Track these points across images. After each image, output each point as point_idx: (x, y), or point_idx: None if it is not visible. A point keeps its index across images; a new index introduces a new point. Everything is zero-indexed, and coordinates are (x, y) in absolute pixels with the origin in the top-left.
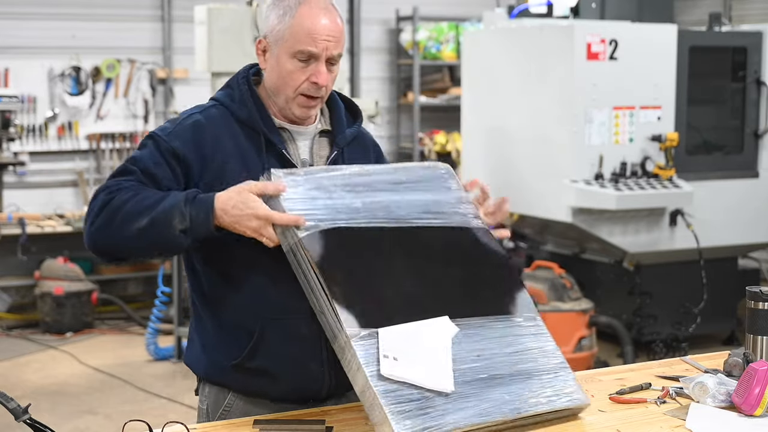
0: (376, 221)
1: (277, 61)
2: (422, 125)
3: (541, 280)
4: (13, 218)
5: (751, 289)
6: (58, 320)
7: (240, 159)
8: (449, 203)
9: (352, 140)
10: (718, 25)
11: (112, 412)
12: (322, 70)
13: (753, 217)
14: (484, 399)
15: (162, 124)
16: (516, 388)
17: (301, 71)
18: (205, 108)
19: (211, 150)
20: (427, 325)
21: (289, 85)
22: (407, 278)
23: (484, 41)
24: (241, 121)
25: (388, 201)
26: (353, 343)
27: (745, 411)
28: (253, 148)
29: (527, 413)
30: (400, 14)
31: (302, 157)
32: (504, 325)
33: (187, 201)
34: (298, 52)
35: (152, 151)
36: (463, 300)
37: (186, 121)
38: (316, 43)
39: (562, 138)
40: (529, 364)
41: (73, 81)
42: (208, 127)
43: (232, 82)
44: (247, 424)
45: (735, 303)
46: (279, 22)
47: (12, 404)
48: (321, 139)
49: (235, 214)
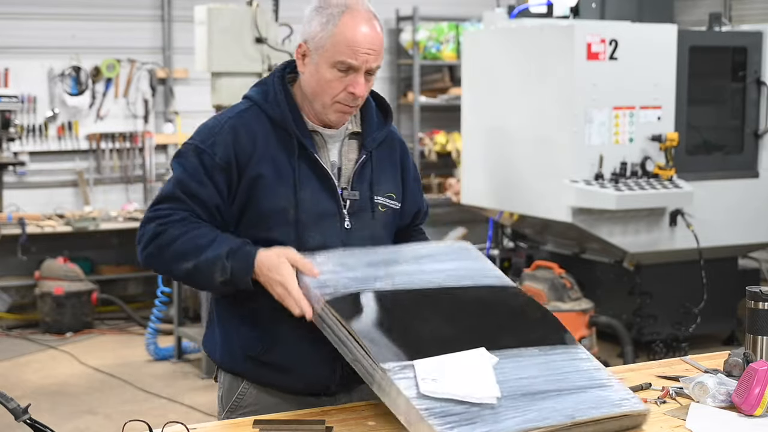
0: (401, 286)
1: (316, 68)
2: (422, 125)
3: (541, 280)
4: (13, 218)
5: (751, 289)
6: (58, 320)
7: (273, 165)
8: (474, 268)
9: (381, 142)
10: (718, 25)
11: (112, 412)
12: (361, 82)
13: (753, 217)
14: (534, 409)
15: (200, 130)
16: (566, 399)
17: (340, 81)
18: (240, 111)
19: (248, 158)
20: (463, 355)
21: (327, 93)
22: (438, 322)
23: (484, 41)
24: (274, 121)
25: (411, 270)
26: (390, 375)
27: (745, 411)
28: (286, 152)
29: (583, 419)
30: (400, 14)
31: (332, 159)
32: (543, 352)
33: (230, 254)
34: (338, 62)
35: (196, 168)
36: (497, 335)
37: (224, 129)
38: (356, 55)
39: (562, 138)
40: (576, 381)
41: (73, 81)
42: (245, 132)
43: (267, 79)
44: (247, 425)
45: (735, 303)
46: (321, 29)
47: (12, 404)
48: (350, 141)
49: (267, 275)
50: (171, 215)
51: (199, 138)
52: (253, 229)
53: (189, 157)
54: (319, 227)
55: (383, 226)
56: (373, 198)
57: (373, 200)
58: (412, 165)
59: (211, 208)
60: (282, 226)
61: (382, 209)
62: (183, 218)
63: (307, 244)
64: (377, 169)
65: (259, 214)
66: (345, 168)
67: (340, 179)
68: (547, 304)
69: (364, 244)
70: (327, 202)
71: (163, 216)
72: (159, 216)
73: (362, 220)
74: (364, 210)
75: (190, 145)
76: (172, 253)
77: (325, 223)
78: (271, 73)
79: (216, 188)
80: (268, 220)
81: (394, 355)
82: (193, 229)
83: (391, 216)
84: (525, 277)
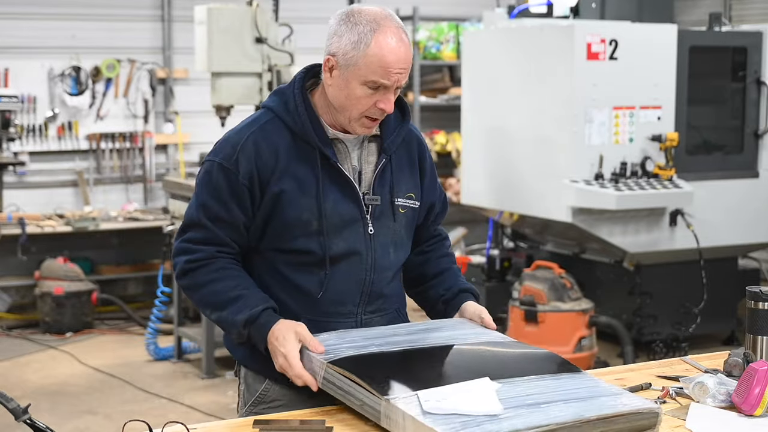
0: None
1: (346, 83)
2: (422, 125)
3: (541, 280)
4: (13, 218)
5: (751, 289)
6: (58, 320)
7: (295, 178)
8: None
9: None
10: (718, 25)
11: (112, 412)
12: (391, 99)
13: (753, 217)
14: (540, 411)
15: (223, 146)
16: (574, 404)
17: (369, 97)
18: (260, 123)
19: (270, 173)
20: (466, 383)
21: (356, 108)
22: (441, 364)
23: (484, 41)
24: (295, 132)
25: (412, 338)
26: (394, 402)
27: (745, 411)
28: (308, 163)
29: (591, 416)
30: (400, 14)
31: (353, 164)
32: (550, 377)
33: (248, 323)
34: (370, 81)
35: (221, 188)
36: (502, 369)
37: (247, 144)
38: (389, 76)
39: (562, 138)
40: (585, 392)
41: (73, 81)
42: (267, 147)
43: (286, 89)
44: (247, 425)
45: (735, 303)
46: (353, 48)
47: (12, 404)
48: (370, 144)
49: (273, 344)
50: (197, 253)
51: (222, 154)
52: (277, 241)
53: (213, 176)
54: (342, 234)
55: (404, 227)
56: (393, 201)
57: (393, 204)
58: (429, 161)
59: (238, 227)
60: (306, 236)
61: (402, 210)
62: (208, 262)
63: (331, 251)
64: (396, 171)
65: (283, 225)
66: (365, 172)
67: (361, 184)
68: (547, 304)
69: (387, 249)
70: (350, 208)
71: (191, 251)
72: (187, 251)
73: (384, 224)
74: (386, 214)
75: (214, 163)
76: (199, 298)
77: (349, 230)
78: (290, 82)
79: (241, 206)
80: (293, 231)
81: (398, 389)
82: (217, 280)
83: (411, 215)
84: (525, 277)
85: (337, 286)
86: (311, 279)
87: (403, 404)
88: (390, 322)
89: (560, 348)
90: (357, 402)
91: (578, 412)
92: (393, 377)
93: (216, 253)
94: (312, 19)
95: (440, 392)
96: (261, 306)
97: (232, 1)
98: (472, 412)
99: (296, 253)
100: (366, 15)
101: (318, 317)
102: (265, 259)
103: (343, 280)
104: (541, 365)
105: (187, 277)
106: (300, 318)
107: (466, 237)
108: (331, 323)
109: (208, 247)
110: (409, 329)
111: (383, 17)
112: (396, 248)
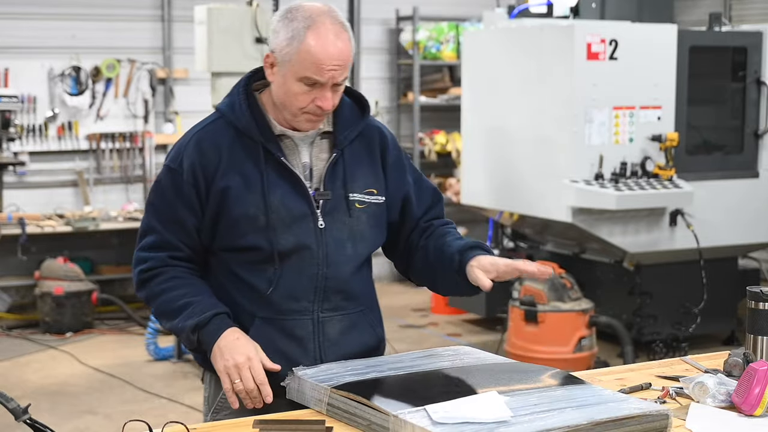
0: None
1: (284, 80)
2: (422, 125)
3: (541, 280)
4: (13, 218)
5: (752, 289)
6: (58, 320)
7: (240, 174)
8: (477, 357)
9: (354, 138)
10: (718, 25)
11: (112, 412)
12: (327, 96)
13: (753, 217)
14: (552, 417)
15: (172, 148)
16: (585, 409)
17: (307, 94)
18: (206, 123)
19: (214, 170)
20: (474, 397)
21: (294, 104)
22: (445, 382)
23: (484, 41)
24: (239, 130)
25: (414, 365)
26: (402, 416)
27: (745, 411)
28: (252, 159)
29: (602, 419)
30: (400, 14)
31: (303, 161)
32: (560, 388)
33: (197, 328)
34: (304, 78)
35: (168, 190)
36: (506, 382)
37: (190, 144)
38: (322, 73)
39: (562, 138)
40: (593, 401)
41: (73, 81)
42: (210, 145)
43: (233, 90)
44: (247, 424)
45: (735, 303)
46: (287, 44)
47: (12, 404)
48: (322, 141)
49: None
50: (149, 261)
51: (170, 157)
52: (227, 239)
53: (162, 179)
54: (291, 229)
55: (366, 223)
56: (347, 196)
57: (348, 198)
58: (395, 154)
59: (188, 229)
60: (254, 232)
61: (360, 206)
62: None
63: (280, 246)
64: (351, 165)
65: (231, 223)
66: (316, 168)
67: (312, 180)
68: (547, 304)
69: (343, 244)
70: (299, 204)
71: (144, 260)
72: (140, 260)
73: (338, 219)
74: (339, 209)
75: (164, 167)
76: (154, 308)
77: (298, 225)
78: (237, 83)
79: (188, 206)
80: (241, 227)
81: (404, 402)
82: (168, 290)
83: (376, 211)
84: (525, 277)
85: (288, 282)
86: (262, 276)
87: (411, 418)
88: (353, 324)
89: (560, 348)
90: (363, 422)
91: (590, 416)
92: (398, 397)
93: (168, 259)
94: None
95: (448, 405)
96: (210, 312)
97: (232, 1)
98: (482, 420)
99: (246, 251)
100: (303, 11)
101: (272, 315)
102: (219, 260)
103: (295, 275)
104: (547, 379)
105: (144, 289)
106: (255, 317)
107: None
108: (286, 321)
109: (159, 254)
110: (411, 356)
111: (320, 13)
112: (355, 243)
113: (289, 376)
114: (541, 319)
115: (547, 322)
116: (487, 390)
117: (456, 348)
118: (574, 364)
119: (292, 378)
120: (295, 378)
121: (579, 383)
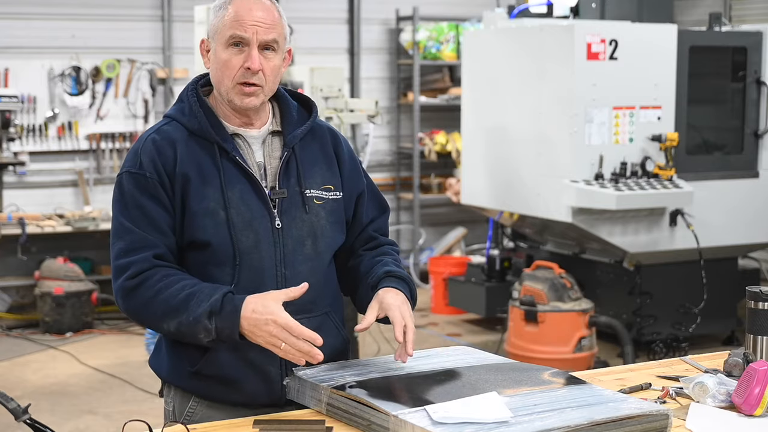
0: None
1: (216, 55)
2: (422, 125)
3: (541, 280)
4: (13, 218)
5: (751, 289)
6: (58, 320)
7: (197, 168)
8: (475, 357)
9: (304, 137)
10: (718, 25)
11: (112, 412)
12: (254, 55)
13: (753, 217)
14: (552, 417)
15: (127, 157)
16: (584, 409)
17: (236, 59)
18: (158, 127)
19: (173, 164)
20: (474, 398)
21: (226, 75)
22: (444, 383)
23: (484, 41)
24: (194, 132)
25: (412, 365)
26: (401, 416)
27: (745, 411)
28: (208, 155)
29: (602, 419)
30: (400, 14)
31: (257, 160)
32: (553, 388)
33: (212, 314)
34: (229, 38)
35: (132, 195)
36: (505, 383)
37: (146, 145)
38: (245, 27)
39: (562, 138)
40: (592, 401)
41: (73, 81)
42: (166, 143)
43: (182, 95)
44: (247, 424)
45: (735, 303)
46: (215, 16)
47: (12, 404)
48: (273, 139)
49: (254, 317)
50: (133, 266)
51: (128, 164)
52: (192, 234)
53: (124, 186)
54: (252, 227)
55: (326, 219)
56: (303, 192)
57: (304, 195)
58: (348, 152)
59: (163, 228)
60: (215, 227)
61: (319, 202)
62: (147, 275)
63: (241, 243)
64: (305, 163)
65: (192, 216)
66: (270, 167)
67: (267, 179)
68: (547, 304)
69: (302, 242)
70: (256, 203)
71: (126, 267)
72: (121, 268)
73: (296, 216)
74: (295, 206)
75: (122, 175)
76: (150, 316)
77: (258, 223)
78: (184, 88)
79: (158, 203)
80: (201, 221)
81: (404, 402)
82: (162, 289)
83: (335, 207)
84: (525, 277)
85: (249, 283)
86: (224, 274)
87: (411, 418)
88: (319, 326)
89: (560, 348)
90: (363, 422)
91: (590, 416)
92: (398, 398)
93: (153, 259)
94: (312, 19)
95: (448, 406)
96: (218, 293)
97: None
98: (482, 420)
99: (209, 247)
100: None
101: None
102: (187, 259)
103: (255, 275)
104: (547, 379)
105: (133, 298)
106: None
107: (466, 237)
108: None
109: (141, 254)
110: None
111: None
112: (315, 240)
113: (290, 376)
114: (541, 319)
115: (547, 322)
116: (487, 390)
117: (456, 348)
118: (574, 364)
119: (292, 378)
120: (295, 378)
121: (579, 383)
